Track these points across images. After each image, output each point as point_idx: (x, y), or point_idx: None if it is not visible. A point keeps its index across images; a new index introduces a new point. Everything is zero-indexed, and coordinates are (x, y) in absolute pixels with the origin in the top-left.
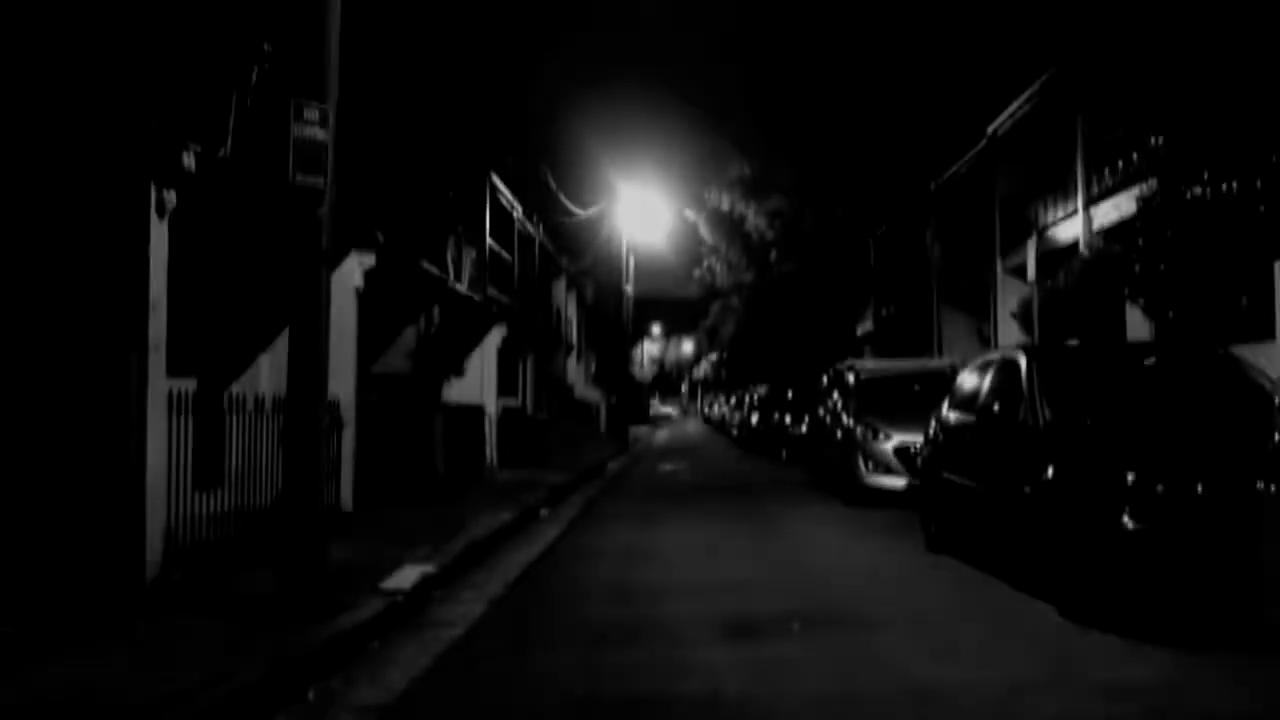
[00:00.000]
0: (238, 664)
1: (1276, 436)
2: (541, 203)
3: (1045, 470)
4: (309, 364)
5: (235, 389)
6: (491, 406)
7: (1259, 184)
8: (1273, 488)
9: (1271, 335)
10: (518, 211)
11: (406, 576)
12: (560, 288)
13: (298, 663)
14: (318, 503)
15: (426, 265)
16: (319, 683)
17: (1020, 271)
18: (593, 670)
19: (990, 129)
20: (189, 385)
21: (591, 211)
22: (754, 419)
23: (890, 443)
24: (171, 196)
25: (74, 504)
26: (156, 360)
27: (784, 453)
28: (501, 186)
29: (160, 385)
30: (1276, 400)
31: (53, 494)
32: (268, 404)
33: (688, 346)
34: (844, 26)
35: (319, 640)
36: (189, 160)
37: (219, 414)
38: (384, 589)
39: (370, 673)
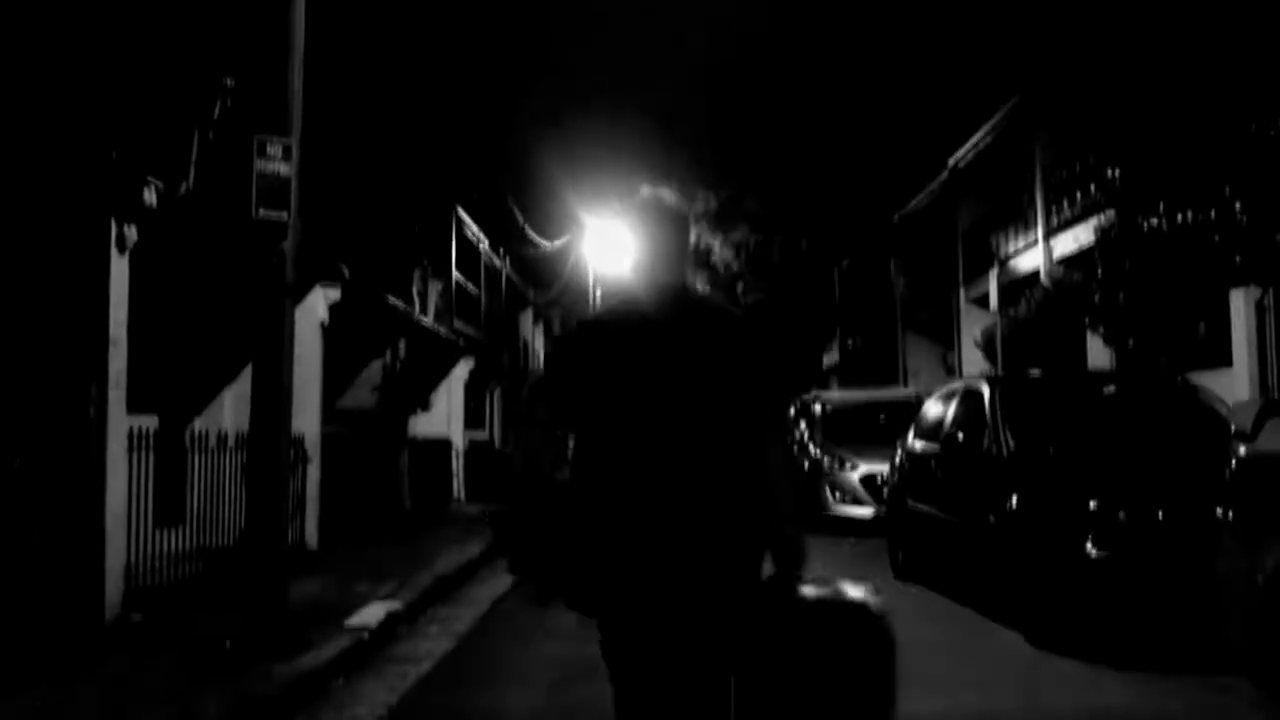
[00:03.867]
0: (199, 705)
1: (1232, 463)
2: (508, 235)
3: (1009, 499)
4: (272, 400)
5: (198, 425)
6: (459, 440)
7: (1213, 214)
8: (1230, 514)
9: (1228, 362)
10: (484, 244)
11: (372, 613)
12: (528, 319)
13: (260, 703)
14: (282, 540)
15: (392, 299)
16: None
17: (983, 301)
18: (561, 706)
19: (951, 161)
20: (150, 422)
21: (558, 243)
22: None
23: (857, 472)
24: (132, 232)
25: (30, 543)
26: (117, 397)
27: None
28: (467, 219)
29: (121, 422)
30: (1232, 427)
31: (8, 532)
32: (231, 440)
33: None
34: (808, 60)
35: (282, 680)
36: (150, 196)
37: (181, 451)
38: (349, 626)
39: (335, 712)
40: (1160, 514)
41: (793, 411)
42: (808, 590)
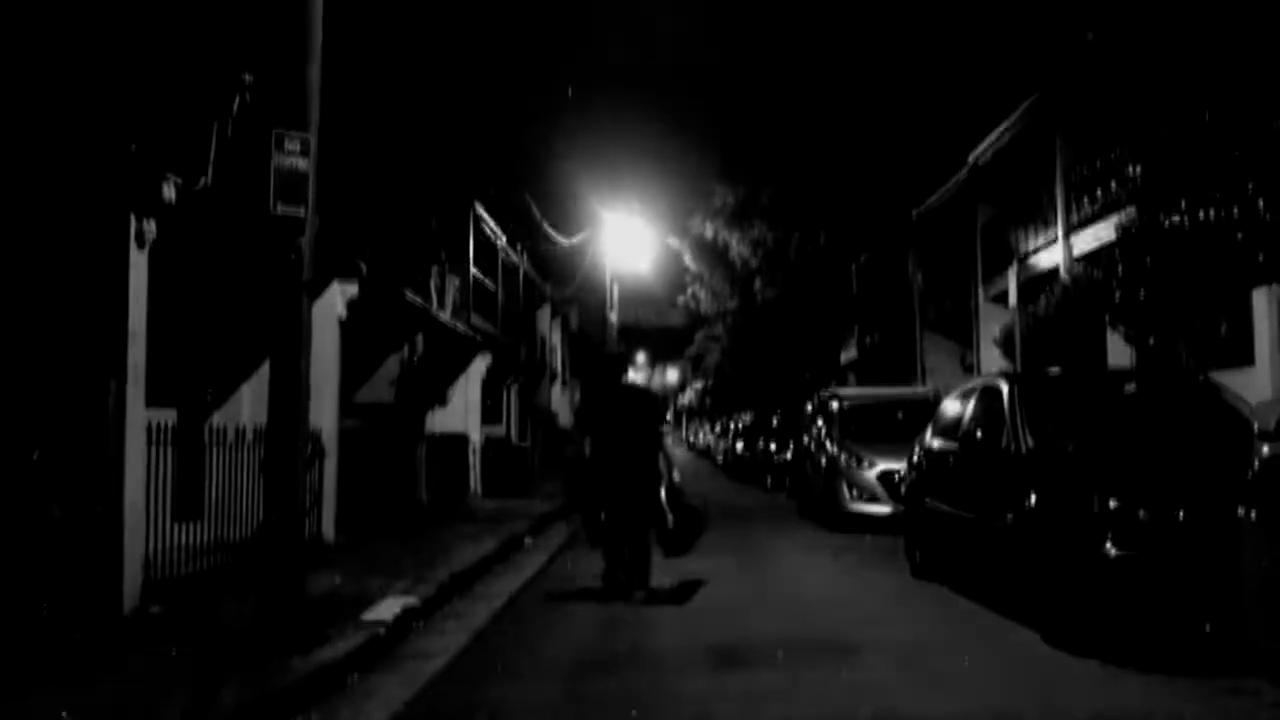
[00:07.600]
0: (216, 698)
1: (1255, 462)
2: (525, 231)
3: (1028, 498)
4: (290, 394)
5: (216, 419)
6: (475, 435)
7: (1236, 212)
8: (1252, 514)
9: (1250, 361)
10: (501, 240)
11: (388, 608)
12: (545, 316)
13: (277, 696)
14: (299, 534)
15: (410, 294)
16: (298, 717)
17: (1002, 298)
18: (577, 701)
19: (971, 157)
20: (169, 416)
21: (575, 240)
22: (739, 446)
23: (874, 470)
24: (151, 227)
25: (49, 535)
26: (136, 391)
27: (769, 480)
28: (485, 215)
29: (139, 416)
30: (1255, 426)
31: (28, 524)
32: (249, 434)
33: (672, 374)
34: (827, 55)
35: (299, 674)
36: (169, 191)
37: (199, 445)
38: (365, 621)
39: (351, 706)
40: (1181, 513)
41: (810, 408)
42: (669, 488)
